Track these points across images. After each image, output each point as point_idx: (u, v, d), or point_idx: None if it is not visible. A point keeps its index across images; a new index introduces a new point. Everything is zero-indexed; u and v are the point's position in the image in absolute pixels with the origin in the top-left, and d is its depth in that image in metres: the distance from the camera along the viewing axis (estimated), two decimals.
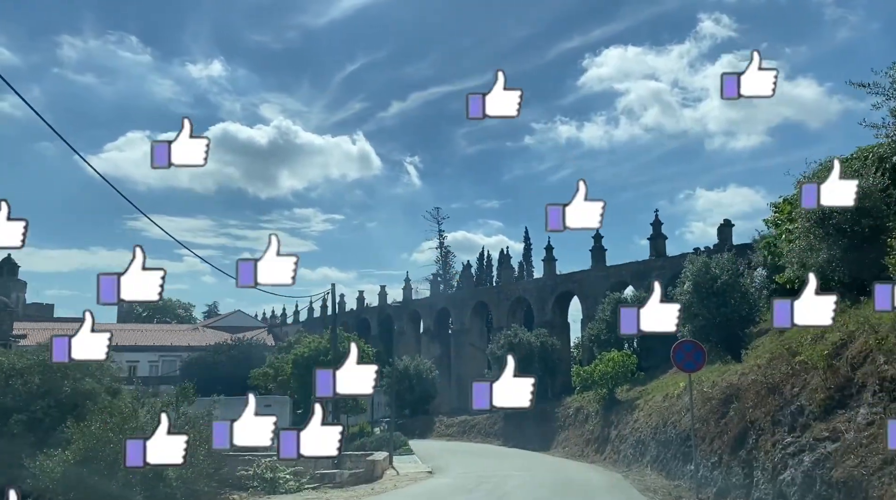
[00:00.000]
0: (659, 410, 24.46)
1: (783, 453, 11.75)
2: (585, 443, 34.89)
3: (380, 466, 24.66)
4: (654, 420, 24.17)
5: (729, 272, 24.21)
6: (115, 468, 14.45)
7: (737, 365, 19.71)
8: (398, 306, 75.21)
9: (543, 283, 54.70)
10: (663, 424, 22.07)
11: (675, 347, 15.03)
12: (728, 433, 15.00)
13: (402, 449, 38.27)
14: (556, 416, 41.07)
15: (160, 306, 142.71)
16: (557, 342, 48.41)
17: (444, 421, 54.02)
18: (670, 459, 19.52)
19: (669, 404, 22.92)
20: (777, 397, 13.04)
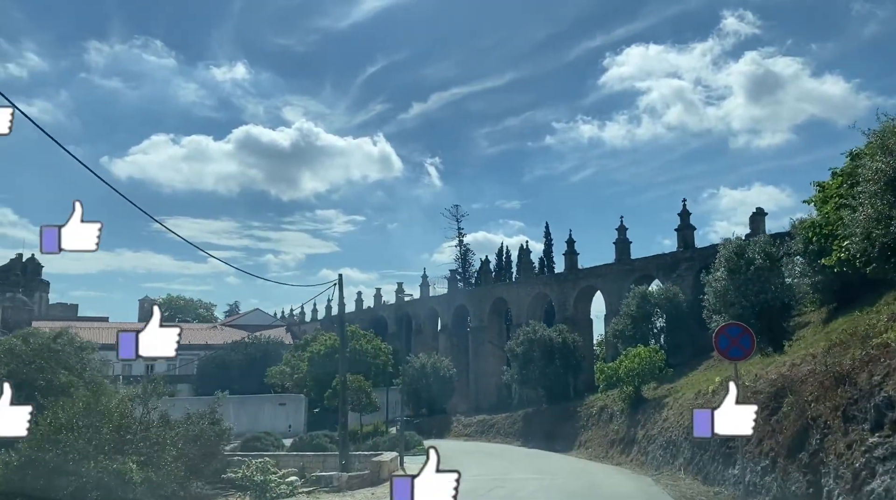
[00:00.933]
0: (692, 408, 22.28)
1: (868, 456, 9.58)
2: (610, 444, 32.74)
3: (386, 468, 22.81)
4: (686, 419, 22.03)
5: (765, 256, 21.97)
6: (64, 470, 12.72)
7: (782, 356, 17.54)
8: (415, 303, 73.44)
9: (564, 278, 52.52)
10: None
11: (719, 331, 12.88)
12: (783, 431, 12.88)
13: (416, 449, 36.40)
14: (578, 415, 38.95)
15: (181, 306, 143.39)
16: (579, 339, 46.23)
17: (461, 421, 52.08)
18: (708, 462, 17.40)
19: (704, 402, 20.76)
20: (849, 389, 10.87)
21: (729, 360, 12.86)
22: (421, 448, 36.67)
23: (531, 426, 43.76)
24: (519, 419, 45.89)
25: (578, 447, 36.75)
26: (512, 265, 70.75)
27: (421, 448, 36.67)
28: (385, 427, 47.23)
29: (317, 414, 60.68)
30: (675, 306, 38.98)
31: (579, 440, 37.24)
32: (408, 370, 57.17)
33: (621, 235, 48.07)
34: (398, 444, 37.80)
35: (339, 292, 27.09)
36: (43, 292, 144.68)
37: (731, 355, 12.53)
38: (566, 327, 46.44)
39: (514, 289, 58.30)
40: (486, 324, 60.66)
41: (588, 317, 52.00)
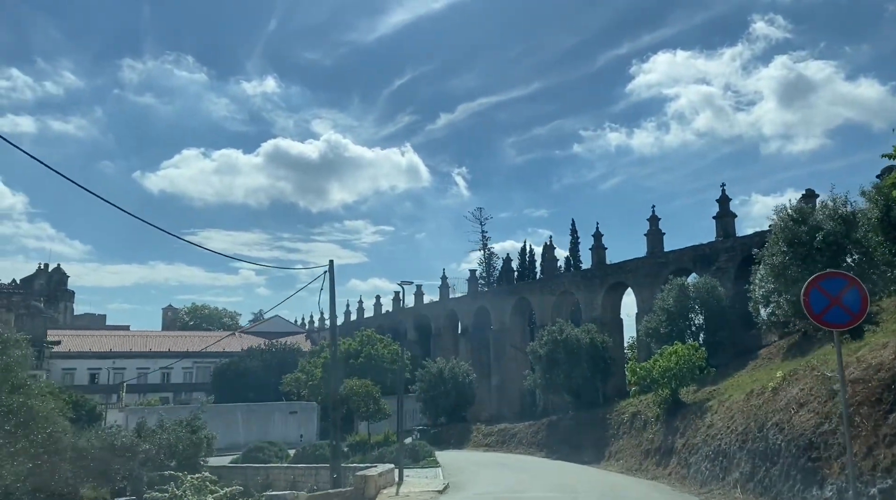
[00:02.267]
0: (745, 411, 18.39)
1: None
2: (644, 454, 28.72)
3: (373, 483, 19.20)
4: (738, 424, 18.11)
5: (836, 221, 17.93)
6: None
7: (869, 339, 13.60)
8: (434, 306, 69.86)
9: (592, 274, 48.53)
10: (758, 428, 16.01)
11: (810, 285, 8.36)
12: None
13: (425, 461, 32.78)
14: (608, 423, 34.94)
15: (206, 315, 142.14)
16: (609, 339, 42.17)
17: (481, 429, 48.22)
18: (778, 477, 13.52)
19: (762, 402, 16.88)
20: None
21: (831, 327, 8.55)
22: (431, 460, 33.06)
23: (556, 435, 39.79)
24: (542, 428, 41.94)
25: (608, 458, 32.74)
26: (536, 266, 66.88)
27: (431, 460, 33.06)
28: (397, 437, 43.44)
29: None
30: (715, 301, 34.86)
31: (609, 450, 33.23)
32: (424, 376, 53.58)
33: (653, 226, 44.02)
34: (408, 455, 34.17)
35: (331, 279, 23.70)
36: (68, 302, 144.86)
37: (830, 321, 8.31)
38: (594, 327, 42.43)
39: (537, 288, 54.40)
40: (509, 326, 56.82)
41: (618, 317, 47.89)
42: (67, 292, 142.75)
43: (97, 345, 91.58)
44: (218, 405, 61.60)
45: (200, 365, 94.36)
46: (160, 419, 29.21)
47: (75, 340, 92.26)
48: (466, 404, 53.82)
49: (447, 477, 26.19)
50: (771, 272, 19.93)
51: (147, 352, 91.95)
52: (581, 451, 35.42)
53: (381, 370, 62.71)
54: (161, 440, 24.10)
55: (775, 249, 19.07)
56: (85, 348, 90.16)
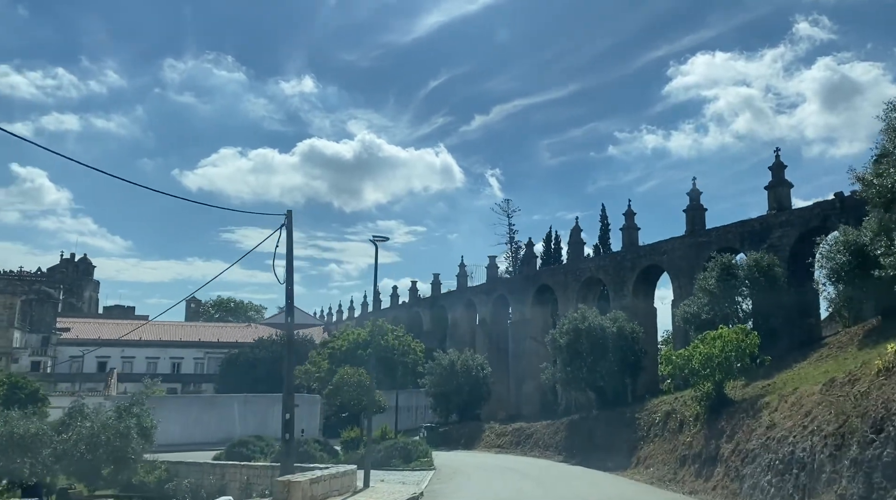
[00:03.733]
0: (830, 404, 13.12)
1: None
2: (680, 461, 23.46)
3: (299, 491, 14.16)
4: (824, 422, 12.86)
5: None
6: None
7: None
8: (451, 295, 64.96)
9: (622, 257, 43.13)
10: (870, 425, 10.69)
11: None
12: None
13: (417, 463, 27.89)
14: (636, 424, 29.69)
15: (231, 308, 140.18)
16: (640, 329, 36.77)
17: (495, 429, 43.17)
18: None
19: (870, 388, 11.62)
20: None
21: None
22: (425, 462, 28.17)
23: (576, 437, 34.60)
24: (562, 428, 36.74)
25: (636, 464, 27.49)
26: (562, 255, 61.52)
27: (425, 462, 28.17)
28: (394, 433, 38.63)
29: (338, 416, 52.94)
30: (768, 281, 29.32)
31: (638, 455, 27.97)
32: (434, 369, 48.73)
33: (693, 201, 38.51)
34: (398, 454, 29.34)
35: (288, 234, 18.96)
36: (93, 292, 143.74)
37: None
38: (623, 315, 37.08)
39: (560, 274, 49.11)
40: (529, 317, 51.59)
41: (651, 306, 42.41)
42: (92, 281, 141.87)
43: (107, 333, 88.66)
44: (214, 396, 57.70)
45: (212, 356, 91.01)
46: (98, 405, 25.01)
47: (83, 327, 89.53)
48: (480, 401, 48.79)
49: (433, 484, 21.33)
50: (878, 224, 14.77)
51: (157, 341, 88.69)
52: (605, 455, 30.26)
53: (392, 362, 58.06)
54: (82, 431, 19.81)
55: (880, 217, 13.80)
56: (94, 335, 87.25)
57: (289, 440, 18.38)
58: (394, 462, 27.75)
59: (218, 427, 51.48)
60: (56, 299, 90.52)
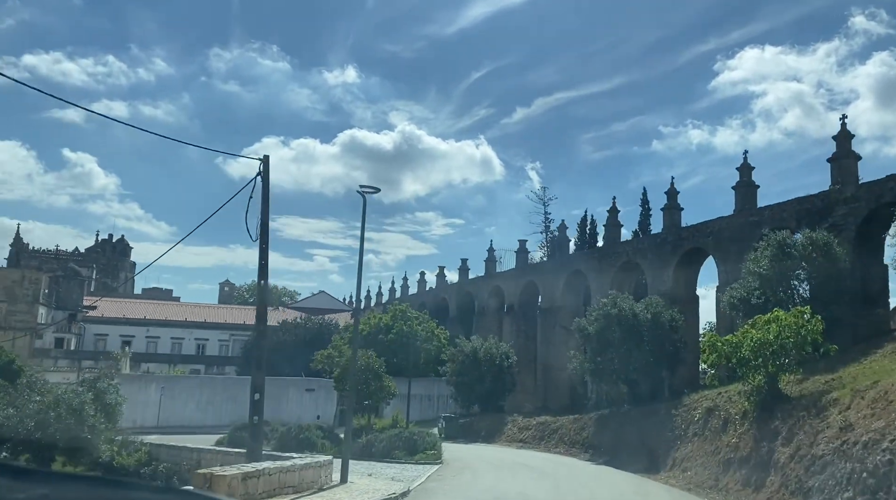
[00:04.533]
0: None
1: None
2: (723, 466, 20.05)
3: (228, 487, 11.06)
4: None
5: None
6: None
7: None
8: (479, 281, 61.83)
9: (662, 239, 39.45)
10: None
11: None
12: None
13: (422, 455, 24.92)
14: (673, 421, 26.24)
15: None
16: (680, 317, 33.17)
17: (518, 422, 39.96)
18: None
19: None
20: None
21: None
22: (431, 454, 25.15)
23: (605, 434, 31.24)
24: (589, 424, 33.40)
25: (671, 466, 24.11)
26: (598, 241, 57.83)
27: (431, 454, 25.15)
28: (405, 421, 35.68)
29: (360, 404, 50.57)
30: (829, 263, 25.53)
31: (674, 456, 24.56)
32: (456, 356, 45.71)
33: (744, 177, 34.66)
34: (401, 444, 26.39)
35: (264, 183, 16.10)
36: (129, 273, 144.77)
37: None
38: (660, 301, 33.52)
39: (594, 259, 45.57)
40: (560, 304, 48.19)
41: (692, 293, 38.72)
42: (129, 262, 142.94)
43: (134, 312, 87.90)
44: (226, 378, 55.71)
45: (237, 338, 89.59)
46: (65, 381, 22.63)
47: (110, 306, 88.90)
48: (504, 392, 45.60)
49: (431, 481, 18.38)
50: None
51: (182, 322, 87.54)
52: (636, 455, 26.91)
53: (414, 349, 55.23)
54: (29, 406, 17.28)
55: None
56: (120, 314, 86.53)
57: (257, 424, 15.60)
58: (396, 454, 24.86)
59: (230, 410, 49.33)
60: (83, 277, 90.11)
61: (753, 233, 32.18)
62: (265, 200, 16.08)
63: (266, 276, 16.02)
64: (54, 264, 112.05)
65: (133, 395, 47.24)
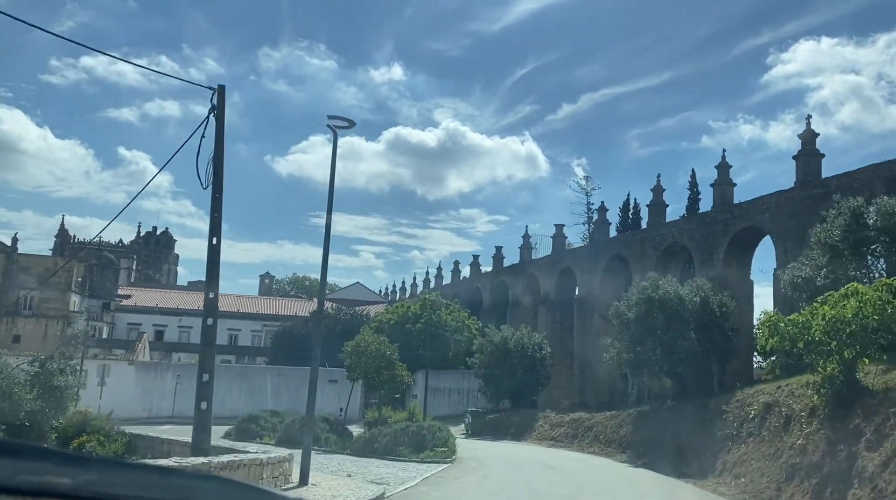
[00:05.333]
0: None
1: None
2: (786, 473, 16.47)
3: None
4: None
5: None
6: None
7: None
8: (514, 269, 58.45)
9: (712, 217, 35.55)
10: None
11: None
12: None
13: (430, 453, 21.83)
14: (724, 419, 22.64)
15: (306, 286, 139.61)
16: (731, 302, 29.36)
17: (549, 418, 36.55)
18: None
19: None
20: None
21: None
22: (441, 451, 22.04)
23: (644, 432, 27.67)
24: (628, 421, 29.85)
25: (721, 471, 20.54)
26: (641, 226, 53.81)
27: (441, 451, 22.04)
28: (422, 414, 32.60)
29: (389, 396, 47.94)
30: None
31: (724, 459, 20.98)
32: (484, 346, 42.49)
33: (807, 146, 30.60)
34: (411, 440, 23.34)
35: (219, 114, 13.23)
36: (172, 265, 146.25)
37: None
38: (708, 284, 29.75)
39: (636, 242, 41.82)
40: (598, 293, 44.51)
41: (745, 277, 34.73)
42: (172, 254, 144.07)
43: (165, 301, 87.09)
44: (244, 367, 53.63)
45: (270, 329, 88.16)
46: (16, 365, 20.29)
47: (144, 295, 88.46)
48: (537, 386, 42.22)
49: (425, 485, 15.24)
50: None
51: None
52: (680, 457, 23.37)
53: (444, 340, 52.32)
54: None
55: None
56: (153, 304, 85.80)
57: (205, 411, 12.78)
58: (400, 451, 21.85)
59: (248, 401, 47.25)
60: (117, 265, 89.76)
61: (817, 208, 28.14)
62: (219, 139, 13.21)
63: (218, 233, 13.11)
64: (86, 253, 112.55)
65: (147, 383, 45.52)
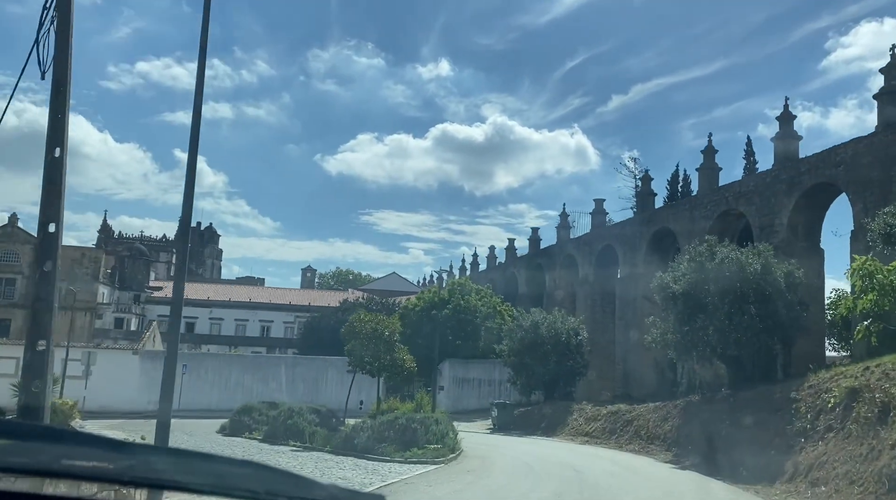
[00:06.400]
0: None
1: None
2: (889, 480, 11.74)
3: None
4: None
5: None
6: None
7: None
8: (550, 251, 53.79)
9: (774, 176, 30.42)
10: None
11: None
12: None
13: (420, 452, 17.67)
14: (794, 410, 17.91)
15: (349, 279, 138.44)
16: (800, 270, 24.35)
17: (585, 411, 31.96)
18: None
19: None
20: None
21: None
22: (434, 450, 17.82)
23: (693, 427, 22.95)
24: (674, 414, 25.15)
25: (792, 476, 15.83)
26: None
27: (434, 450, 17.82)
28: (432, 404, 28.35)
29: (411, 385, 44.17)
30: None
31: (795, 461, 16.24)
32: (513, 332, 38.10)
33: (891, 79, 25.28)
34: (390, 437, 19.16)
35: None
36: (215, 260, 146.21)
37: None
38: (770, 250, 24.80)
39: (685, 210, 36.83)
40: (642, 270, 39.58)
41: (815, 244, 29.50)
42: (216, 249, 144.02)
43: (197, 293, 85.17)
44: (257, 356, 50.44)
45: (302, 320, 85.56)
46: None
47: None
48: (573, 376, 37.64)
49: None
50: None
51: (246, 302, 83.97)
52: (738, 457, 18.67)
53: (474, 327, 48.12)
54: None
55: None
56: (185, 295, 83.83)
57: (38, 392, 8.91)
58: (382, 449, 17.70)
59: (262, 392, 43.79)
60: (149, 257, 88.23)
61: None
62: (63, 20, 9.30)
63: (62, 142, 9.18)
64: (127, 247, 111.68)
65: (154, 374, 42.61)
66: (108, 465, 1.23)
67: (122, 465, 1.24)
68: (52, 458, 1.19)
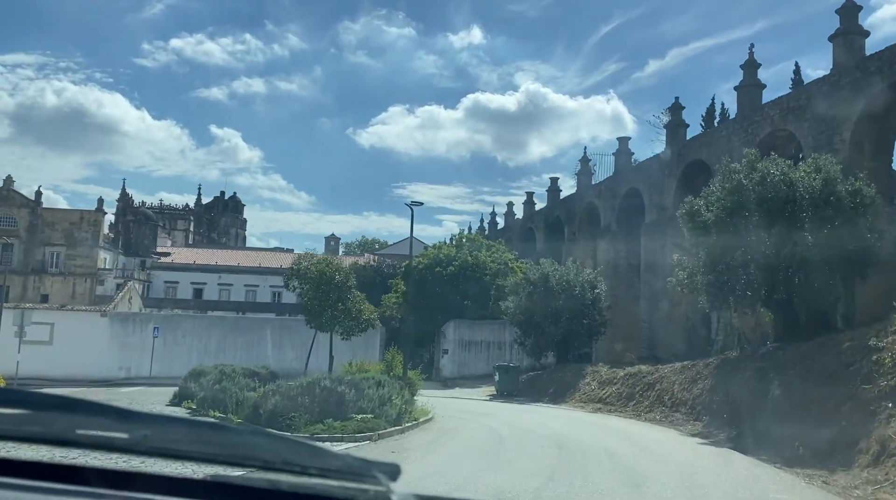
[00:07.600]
0: None
1: None
2: None
3: None
4: None
5: None
6: None
7: None
8: (570, 200, 48.33)
9: (835, 80, 24.53)
10: None
11: None
12: None
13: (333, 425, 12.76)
14: (860, 370, 12.53)
15: (377, 249, 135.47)
16: (872, 189, 18.71)
17: (599, 374, 26.82)
18: None
19: None
20: None
21: None
22: (361, 422, 12.92)
23: (729, 391, 17.71)
24: (705, 374, 19.90)
25: (876, 459, 10.56)
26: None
27: (361, 422, 12.92)
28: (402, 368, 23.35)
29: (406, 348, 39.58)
30: None
31: (878, 436, 10.97)
32: (520, 287, 32.97)
33: None
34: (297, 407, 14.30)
35: None
36: (239, 229, 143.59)
37: None
38: (834, 163, 19.18)
39: (722, 137, 31.14)
40: (671, 214, 33.91)
41: (887, 164, 23.67)
42: (240, 219, 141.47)
43: (204, 258, 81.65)
44: (240, 318, 46.38)
45: None
46: None
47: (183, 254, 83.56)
48: (589, 336, 32.56)
49: None
50: None
51: (256, 268, 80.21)
52: (790, 431, 13.44)
53: (483, 285, 43.19)
54: None
55: None
56: (190, 260, 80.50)
57: None
58: (292, 420, 12.73)
59: (247, 356, 39.46)
60: (155, 222, 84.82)
61: None
62: None
63: None
64: (133, 211, 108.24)
65: (125, 338, 38.73)
66: (124, 435, 1.23)
67: (137, 435, 1.23)
68: (66, 427, 1.20)
